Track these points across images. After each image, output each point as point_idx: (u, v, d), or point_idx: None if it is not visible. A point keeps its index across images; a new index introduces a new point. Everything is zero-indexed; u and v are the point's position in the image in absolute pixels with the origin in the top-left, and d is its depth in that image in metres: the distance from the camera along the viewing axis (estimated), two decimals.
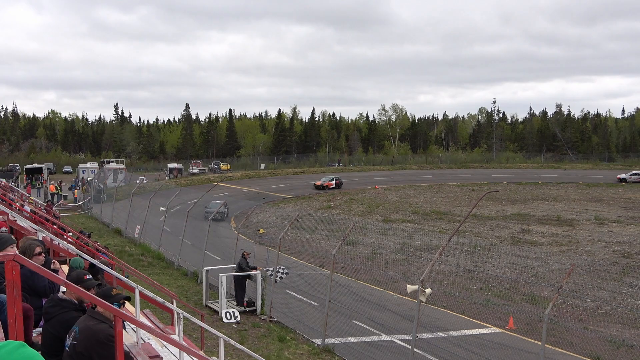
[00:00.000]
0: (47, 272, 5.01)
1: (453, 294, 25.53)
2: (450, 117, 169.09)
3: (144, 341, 9.61)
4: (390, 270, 30.25)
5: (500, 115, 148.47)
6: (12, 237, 7.87)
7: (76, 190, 55.85)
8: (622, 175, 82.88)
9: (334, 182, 70.36)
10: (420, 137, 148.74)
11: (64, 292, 6.41)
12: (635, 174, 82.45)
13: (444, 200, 62.46)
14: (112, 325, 5.79)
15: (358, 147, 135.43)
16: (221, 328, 18.16)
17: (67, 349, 5.77)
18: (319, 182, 71.26)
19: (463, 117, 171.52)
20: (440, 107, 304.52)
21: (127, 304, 12.65)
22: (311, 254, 34.84)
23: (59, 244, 14.62)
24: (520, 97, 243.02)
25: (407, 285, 15.24)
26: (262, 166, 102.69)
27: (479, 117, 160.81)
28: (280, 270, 21.70)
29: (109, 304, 5.30)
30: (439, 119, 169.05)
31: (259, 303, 21.37)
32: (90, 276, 6.71)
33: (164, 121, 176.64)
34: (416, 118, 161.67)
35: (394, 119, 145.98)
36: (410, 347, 15.44)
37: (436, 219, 49.25)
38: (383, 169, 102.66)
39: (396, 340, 18.87)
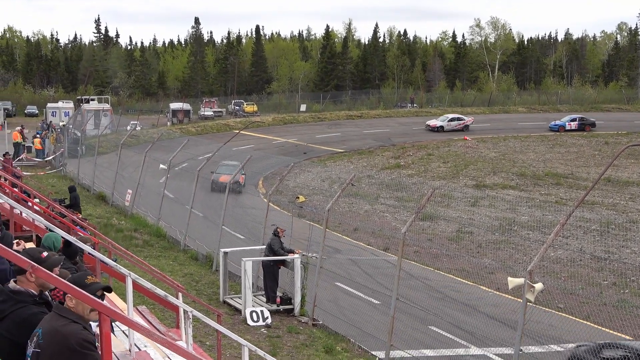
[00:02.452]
0: (9, 251, 5.16)
1: (574, 291, 25.38)
2: (575, 38, 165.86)
3: (139, 349, 9.87)
4: (485, 256, 30.17)
5: None
6: None
7: (37, 139, 56.54)
8: (438, 122, 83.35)
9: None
10: (531, 66, 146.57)
11: (15, 282, 6.49)
12: (454, 119, 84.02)
13: (563, 158, 61.70)
14: (87, 327, 5.93)
15: (440, 80, 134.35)
16: (245, 333, 18.48)
17: (28, 359, 5.84)
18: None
19: (594, 36, 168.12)
20: (560, 23, 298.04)
21: (111, 297, 13.00)
22: (372, 233, 34.98)
23: (21, 213, 15.04)
24: None
25: (509, 279, 15.19)
26: (303, 107, 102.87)
27: (618, 37, 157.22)
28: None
29: (90, 295, 5.40)
30: (559, 39, 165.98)
31: (297, 300, 21.62)
32: (47, 253, 6.80)
33: (164, 43, 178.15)
34: (525, 39, 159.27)
35: (492, 40, 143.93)
36: None
37: (552, 185, 48.73)
38: (476, 111, 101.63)
39: (491, 355, 18.92)
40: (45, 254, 6.67)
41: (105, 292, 6.46)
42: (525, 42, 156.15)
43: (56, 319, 5.82)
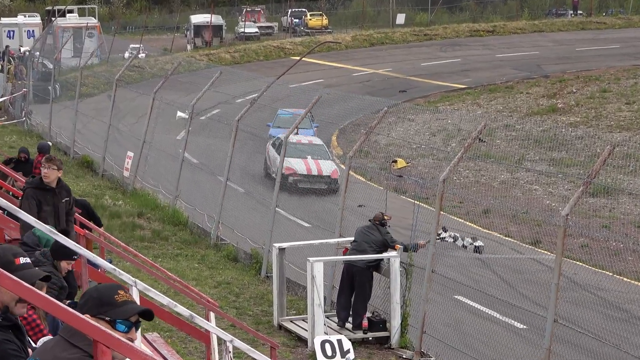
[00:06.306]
0: None
1: None
2: None
3: None
4: None
5: None
6: None
7: None
8: None
9: None
10: None
11: None
12: None
13: None
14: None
15: None
16: None
17: None
18: None
19: None
20: None
21: None
22: (512, 217, 34.67)
23: None
24: None
25: None
26: (401, 19, 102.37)
27: None
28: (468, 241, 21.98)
29: (97, 326, 5.46)
30: None
31: (395, 323, 21.62)
32: (28, 259, 6.86)
33: None
34: None
35: None
36: None
37: None
38: None
39: None
40: (22, 259, 6.77)
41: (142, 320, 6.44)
42: None
43: (62, 348, 5.88)
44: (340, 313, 22.34)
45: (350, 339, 20.71)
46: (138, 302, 9.54)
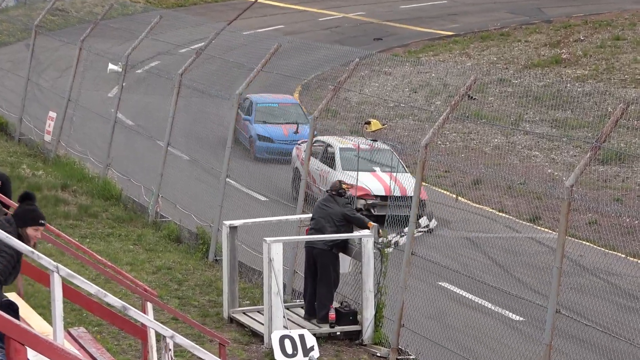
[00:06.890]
0: None
1: None
2: None
3: None
4: None
5: None
6: None
7: None
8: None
9: None
10: None
11: None
12: None
13: None
14: None
15: None
16: None
17: None
18: None
19: None
20: None
21: (23, 312, 13.13)
22: (507, 188, 34.76)
23: None
24: None
25: None
26: None
27: None
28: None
29: None
30: None
31: (368, 314, 21.70)
32: None
33: None
34: None
35: None
36: None
37: None
38: None
39: None
40: None
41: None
42: None
43: None
44: (306, 304, 22.35)
45: (314, 334, 20.72)
46: (60, 294, 9.57)
